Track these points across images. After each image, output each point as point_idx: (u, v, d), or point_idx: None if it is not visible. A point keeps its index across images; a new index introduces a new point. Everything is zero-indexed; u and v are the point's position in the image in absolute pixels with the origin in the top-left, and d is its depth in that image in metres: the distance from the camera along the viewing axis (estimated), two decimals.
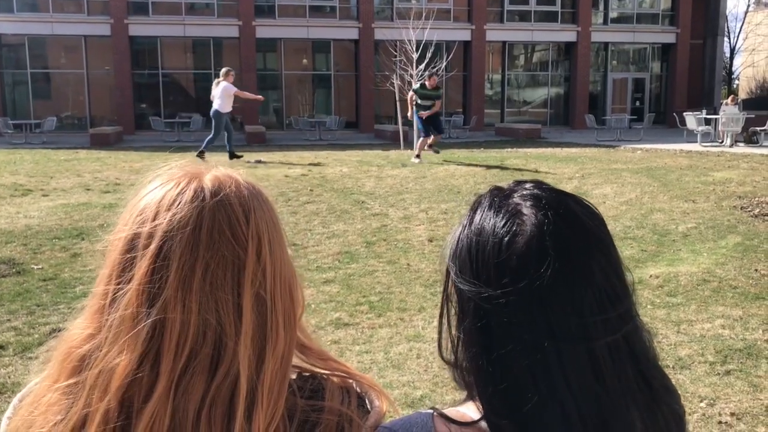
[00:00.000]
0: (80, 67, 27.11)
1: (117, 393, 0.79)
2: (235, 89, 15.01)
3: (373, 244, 7.41)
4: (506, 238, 0.84)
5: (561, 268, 0.82)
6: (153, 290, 0.80)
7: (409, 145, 19.24)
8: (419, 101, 15.18)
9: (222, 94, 14.70)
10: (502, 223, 0.85)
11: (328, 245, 7.34)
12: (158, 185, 0.87)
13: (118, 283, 0.82)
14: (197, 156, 13.38)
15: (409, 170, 13.11)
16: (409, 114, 15.72)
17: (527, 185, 0.91)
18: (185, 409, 0.79)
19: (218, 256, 0.82)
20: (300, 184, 11.56)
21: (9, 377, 4.04)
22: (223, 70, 15.13)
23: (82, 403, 0.80)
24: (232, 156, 15.09)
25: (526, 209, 0.86)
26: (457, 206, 9.42)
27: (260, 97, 16.68)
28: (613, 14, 31.84)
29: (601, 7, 31.44)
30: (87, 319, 0.84)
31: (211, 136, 14.95)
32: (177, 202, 0.83)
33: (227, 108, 14.92)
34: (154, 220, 0.83)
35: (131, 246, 0.83)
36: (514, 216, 0.85)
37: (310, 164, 14.69)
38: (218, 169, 0.90)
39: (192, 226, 0.82)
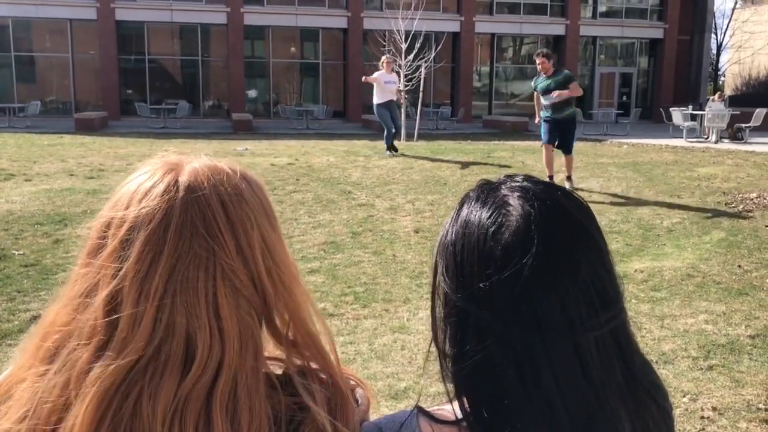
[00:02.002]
0: (65, 51, 26.79)
1: (76, 384, 0.77)
2: (378, 77, 13.62)
3: (359, 234, 7.38)
4: (492, 229, 0.83)
5: (546, 259, 0.80)
6: (113, 281, 0.78)
7: (396, 135, 19.20)
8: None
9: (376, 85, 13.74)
10: (488, 214, 0.84)
11: (313, 235, 7.31)
12: (139, 174, 0.85)
13: (87, 273, 0.81)
14: (390, 152, 13.71)
15: (396, 161, 13.08)
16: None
17: (517, 178, 0.90)
18: (153, 411, 0.76)
19: (190, 254, 0.79)
20: (286, 173, 11.50)
21: None
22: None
23: (51, 394, 0.78)
24: (389, 149, 13.98)
25: (513, 200, 0.85)
26: (444, 198, 9.41)
27: (369, 78, 14.07)
28: (601, 8, 31.90)
29: (590, 1, 31.49)
30: (60, 306, 0.83)
31: (385, 132, 13.97)
32: (148, 195, 0.80)
33: (380, 99, 13.74)
34: (126, 209, 0.81)
35: (103, 233, 0.82)
36: (500, 207, 0.84)
37: (296, 153, 14.62)
38: (201, 160, 0.87)
39: (158, 221, 0.79)
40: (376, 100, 13.83)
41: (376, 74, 13.73)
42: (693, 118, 21.32)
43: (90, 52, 26.77)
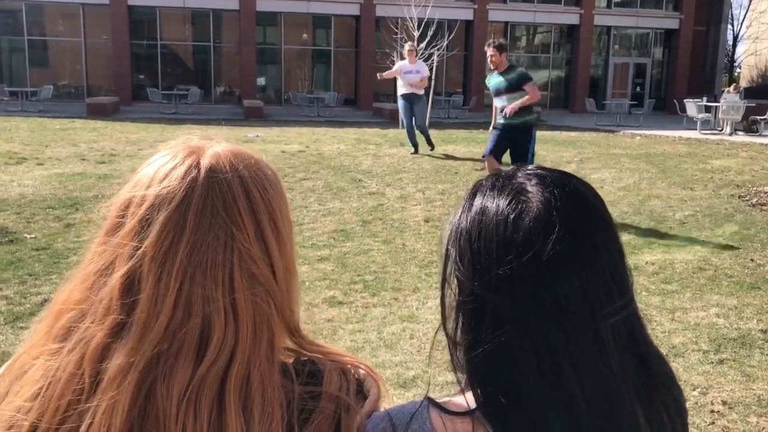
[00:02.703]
0: (78, 36, 26.83)
1: (91, 364, 0.76)
2: (398, 68, 12.60)
3: (369, 222, 7.37)
4: (512, 216, 0.82)
5: (568, 244, 0.80)
6: (130, 260, 0.78)
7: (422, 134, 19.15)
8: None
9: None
10: (507, 201, 0.83)
11: (323, 223, 7.31)
12: (160, 156, 0.85)
13: (103, 251, 0.80)
14: (414, 150, 12.34)
15: (407, 149, 13.04)
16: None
17: (529, 166, 0.90)
18: (168, 394, 0.75)
19: (209, 236, 0.79)
20: (297, 160, 11.49)
21: (0, 346, 4.02)
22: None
23: (64, 372, 0.78)
24: (413, 146, 12.63)
25: (531, 187, 0.84)
26: (454, 187, 9.38)
27: (385, 74, 12.96)
28: None
29: None
30: (72, 286, 0.82)
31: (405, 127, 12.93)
32: (170, 176, 0.80)
33: (400, 90, 12.63)
34: (146, 189, 0.80)
35: (122, 212, 0.81)
36: (518, 194, 0.84)
37: (307, 141, 14.60)
38: (224, 145, 0.86)
39: (179, 201, 0.79)
40: (398, 91, 12.86)
41: (397, 65, 12.79)
42: (707, 109, 21.13)
43: (102, 37, 26.80)
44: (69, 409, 0.76)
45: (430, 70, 19.36)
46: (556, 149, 14.13)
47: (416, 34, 18.98)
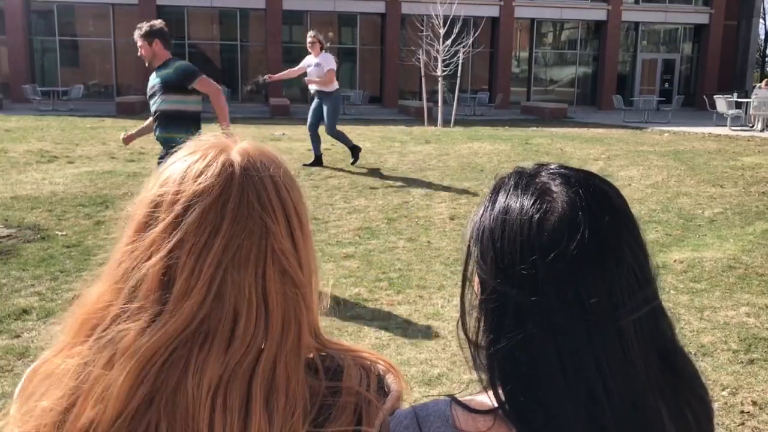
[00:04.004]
0: (108, 36, 27.19)
1: (124, 362, 0.77)
2: (301, 65, 10.68)
3: (394, 220, 7.38)
4: (537, 216, 0.82)
5: (594, 244, 0.80)
6: (167, 260, 0.79)
7: (433, 121, 19.13)
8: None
9: None
10: (531, 201, 0.84)
11: (348, 220, 7.34)
12: (183, 156, 0.85)
13: (134, 252, 0.81)
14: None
15: (432, 147, 13.02)
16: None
17: (551, 166, 0.90)
18: (199, 385, 0.77)
19: (245, 231, 0.80)
20: (323, 158, 11.52)
21: (32, 341, 4.10)
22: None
23: (94, 370, 0.78)
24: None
25: (556, 187, 0.85)
26: (480, 185, 9.35)
27: (279, 75, 11.22)
28: None
29: None
30: (102, 285, 0.83)
31: None
32: (205, 173, 0.81)
33: (311, 88, 10.67)
34: (179, 186, 0.81)
35: (152, 212, 0.82)
36: (543, 194, 0.84)
37: (332, 138, 14.64)
38: (248, 143, 0.88)
39: (216, 197, 0.80)
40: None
41: (303, 60, 10.57)
42: (738, 105, 20.77)
43: (131, 36, 27.08)
44: (96, 405, 0.77)
45: (455, 67, 19.37)
46: (583, 146, 14.01)
47: (442, 31, 18.93)
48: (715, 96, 22.02)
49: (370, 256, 6.06)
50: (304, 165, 10.53)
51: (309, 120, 10.77)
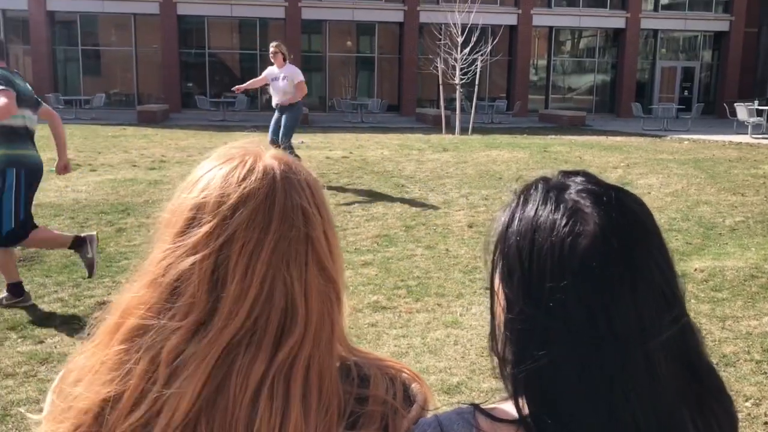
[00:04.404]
0: (129, 45, 27.53)
1: (167, 361, 0.79)
2: (265, 76, 10.47)
3: (412, 228, 7.39)
4: (569, 239, 0.81)
5: (627, 269, 0.80)
6: (214, 260, 0.80)
7: (451, 129, 19.14)
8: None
9: None
10: (564, 221, 0.82)
11: (367, 228, 7.35)
12: (218, 163, 0.87)
13: (177, 254, 0.82)
14: None
15: (450, 155, 13.03)
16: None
17: (578, 179, 0.88)
18: (244, 385, 0.78)
19: (292, 232, 0.83)
20: (341, 166, 11.58)
21: (55, 347, 4.15)
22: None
23: (135, 372, 0.79)
24: None
25: (588, 207, 0.83)
26: (498, 192, 9.34)
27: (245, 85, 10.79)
28: (664, 0, 31.03)
29: None
30: (141, 288, 0.84)
31: None
32: (248, 178, 0.84)
33: (273, 99, 10.35)
34: (222, 190, 0.83)
35: (193, 216, 0.83)
36: (575, 213, 0.82)
37: (351, 146, 14.70)
38: (275, 151, 0.90)
39: (262, 200, 0.83)
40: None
41: (265, 71, 10.38)
42: (759, 113, 20.57)
43: (152, 45, 27.44)
44: (140, 400, 0.79)
45: (473, 75, 19.37)
46: (602, 154, 13.94)
47: (460, 40, 18.96)
48: (735, 104, 21.83)
49: (389, 263, 6.07)
50: None
51: (270, 136, 9.73)
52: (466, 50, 19.05)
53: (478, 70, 19.38)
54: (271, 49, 10.08)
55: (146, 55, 27.69)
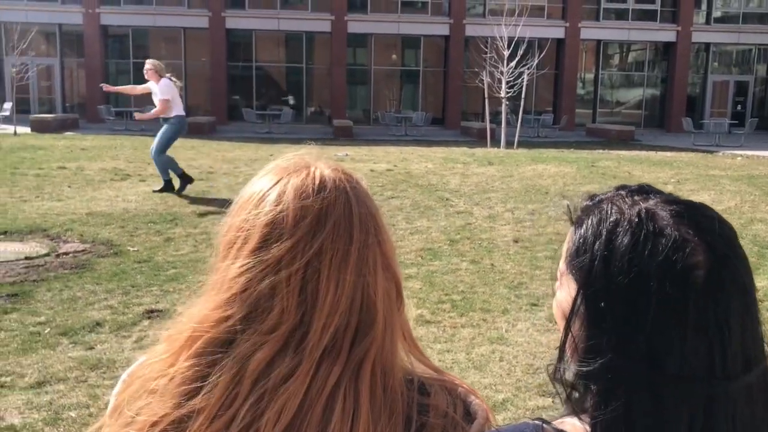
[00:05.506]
0: (179, 58, 28.14)
1: (253, 375, 0.79)
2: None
3: (457, 242, 7.34)
4: (679, 269, 0.75)
5: (737, 300, 0.76)
6: (303, 274, 0.81)
7: (496, 143, 19.03)
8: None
9: None
10: (671, 252, 0.76)
11: (411, 241, 7.33)
12: (281, 177, 0.86)
13: (258, 269, 0.81)
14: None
15: (495, 168, 12.94)
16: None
17: (672, 205, 0.81)
18: (320, 390, 0.79)
19: (369, 239, 0.84)
20: (385, 179, 11.60)
21: (104, 353, 4.22)
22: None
23: (217, 387, 0.79)
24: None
25: (690, 236, 0.77)
26: (545, 207, 9.22)
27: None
28: (716, 13, 30.40)
29: (704, 6, 30.09)
30: (218, 303, 0.83)
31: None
32: (323, 189, 0.84)
33: None
34: (299, 202, 0.83)
35: (270, 230, 0.82)
36: (682, 245, 0.76)
37: (395, 159, 14.72)
38: (330, 161, 0.91)
39: (342, 209, 0.84)
40: None
41: (147, 83, 10.31)
42: None
43: (201, 59, 28.01)
44: (222, 412, 0.79)
45: (520, 89, 19.26)
46: (652, 170, 13.68)
47: (506, 53, 18.88)
48: None
49: (433, 277, 6.04)
50: (154, 191, 9.92)
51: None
52: (513, 64, 18.95)
53: (525, 83, 19.25)
54: (146, 67, 10.10)
55: (195, 69, 28.27)
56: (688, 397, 0.76)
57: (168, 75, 9.99)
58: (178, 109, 9.93)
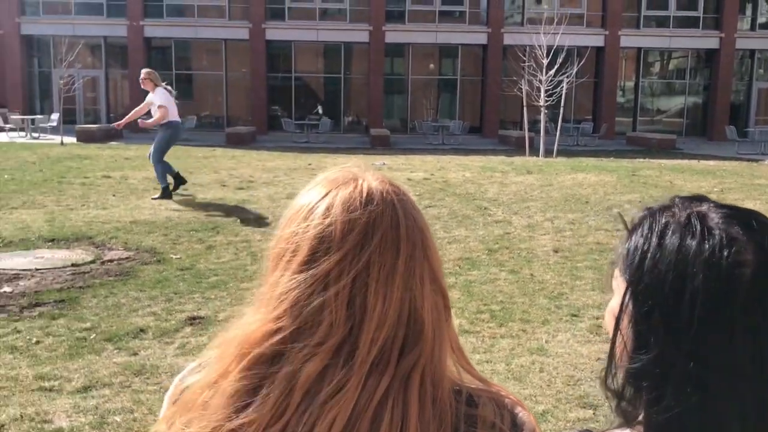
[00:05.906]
0: (220, 69, 28.62)
1: (302, 387, 0.80)
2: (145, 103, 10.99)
3: (496, 251, 7.30)
4: (731, 271, 0.76)
5: None
6: (351, 287, 0.82)
7: (534, 151, 18.90)
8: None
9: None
10: (721, 253, 0.77)
11: (449, 250, 7.32)
12: (330, 189, 0.88)
13: (308, 283, 0.82)
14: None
15: (534, 177, 12.85)
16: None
17: (724, 209, 0.82)
18: (368, 402, 0.79)
19: (416, 251, 0.85)
20: (422, 188, 11.60)
21: (148, 359, 4.30)
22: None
23: (266, 403, 0.80)
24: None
25: (740, 235, 0.78)
26: (585, 216, 9.12)
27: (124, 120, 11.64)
28: (761, 19, 29.78)
29: (749, 12, 29.50)
30: (270, 317, 0.84)
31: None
32: (370, 202, 0.85)
33: None
34: (348, 216, 0.84)
35: (318, 244, 0.83)
36: (730, 243, 0.77)
37: (432, 168, 14.71)
38: (377, 173, 0.91)
39: (389, 222, 0.84)
40: None
41: (147, 98, 10.92)
42: None
43: (242, 70, 28.43)
44: (268, 425, 0.80)
45: (559, 97, 19.11)
46: (694, 179, 13.44)
47: (545, 62, 18.76)
48: None
49: (471, 287, 6.02)
50: (153, 199, 10.16)
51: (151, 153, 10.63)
52: (552, 72, 18.81)
53: (564, 91, 19.09)
54: (141, 77, 10.54)
55: (235, 79, 28.69)
56: (736, 394, 0.76)
57: (163, 84, 10.56)
58: (173, 116, 10.56)
